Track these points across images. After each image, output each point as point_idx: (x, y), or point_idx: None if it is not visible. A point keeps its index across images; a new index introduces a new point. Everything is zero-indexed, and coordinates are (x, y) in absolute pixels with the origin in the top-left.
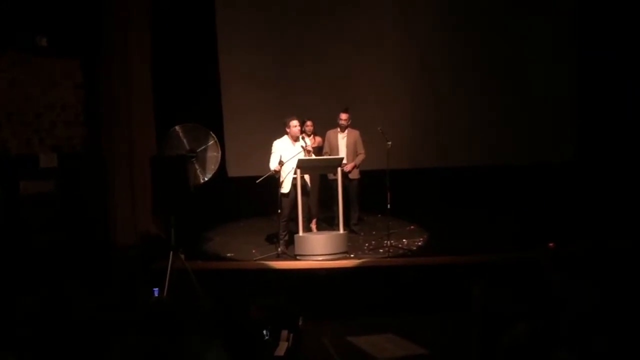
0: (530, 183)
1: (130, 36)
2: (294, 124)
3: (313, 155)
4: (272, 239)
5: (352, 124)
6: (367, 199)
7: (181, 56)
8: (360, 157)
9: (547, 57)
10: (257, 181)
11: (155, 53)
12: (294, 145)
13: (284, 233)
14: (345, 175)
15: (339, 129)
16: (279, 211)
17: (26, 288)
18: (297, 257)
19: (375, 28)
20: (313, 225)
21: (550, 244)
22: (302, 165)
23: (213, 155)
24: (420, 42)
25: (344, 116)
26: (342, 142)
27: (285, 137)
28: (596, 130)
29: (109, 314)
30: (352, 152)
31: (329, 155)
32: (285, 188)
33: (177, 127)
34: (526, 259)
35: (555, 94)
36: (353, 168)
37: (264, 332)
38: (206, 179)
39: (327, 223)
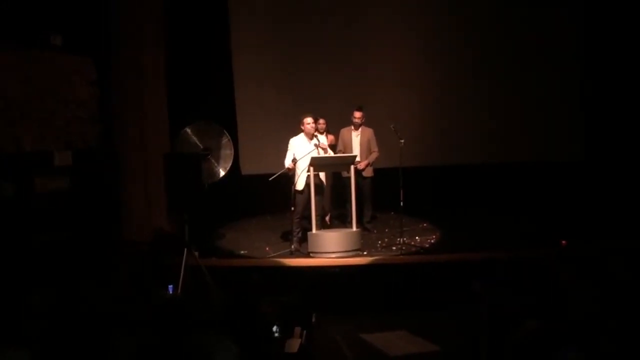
0: (541, 181)
1: (144, 33)
2: (307, 121)
3: (330, 152)
4: (286, 237)
5: (365, 122)
6: (380, 196)
7: (195, 53)
8: (374, 155)
9: (556, 56)
10: (270, 179)
11: (169, 50)
12: (309, 142)
13: (297, 230)
14: (358, 173)
15: (352, 127)
16: (292, 209)
17: (40, 284)
18: (311, 255)
19: (388, 27)
20: (327, 219)
21: (563, 242)
22: (315, 163)
23: (226, 153)
24: (432, 41)
25: (357, 114)
26: (356, 140)
27: (302, 134)
28: (605, 130)
29: (121, 311)
30: (366, 150)
31: (343, 153)
32: (300, 185)
33: (187, 129)
34: (536, 257)
35: (564, 93)
36: (367, 166)
37: (274, 328)
38: (220, 176)
39: (340, 220)
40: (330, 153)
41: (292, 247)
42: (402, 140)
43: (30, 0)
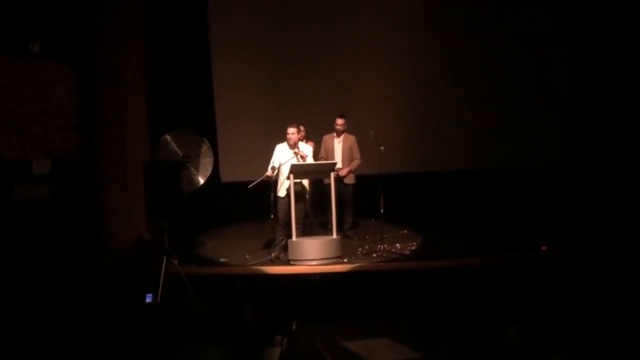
0: (524, 186)
1: (123, 41)
2: (288, 131)
3: (311, 159)
4: (266, 244)
5: (347, 129)
6: (360, 203)
7: (175, 61)
8: (356, 162)
9: (541, 61)
10: (249, 186)
11: (149, 58)
12: (292, 150)
13: (280, 238)
14: (340, 180)
15: (335, 134)
16: (272, 216)
17: (21, 293)
18: (291, 262)
19: (370, 34)
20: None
21: (543, 247)
22: (295, 171)
23: (206, 161)
24: (415, 47)
25: (340, 121)
26: (338, 147)
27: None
28: (590, 134)
29: (103, 319)
30: (348, 157)
31: (325, 159)
32: (282, 192)
33: (167, 135)
34: (519, 263)
35: (549, 98)
36: (348, 173)
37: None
38: (200, 184)
39: (322, 227)
40: (310, 161)
41: (272, 254)
42: (382, 147)
43: (9, 7)
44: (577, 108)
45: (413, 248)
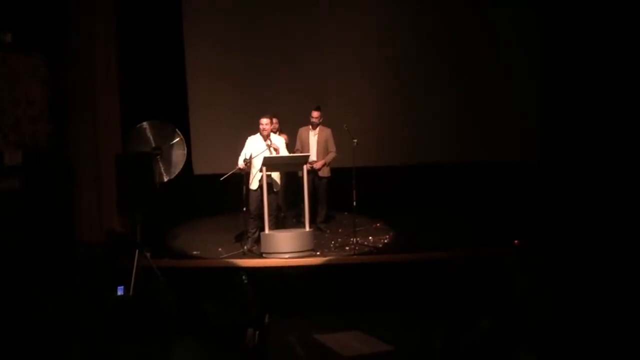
0: (498, 181)
1: (96, 32)
2: (262, 122)
3: (285, 152)
4: (238, 237)
5: (323, 122)
6: (333, 196)
7: (148, 51)
8: (331, 155)
9: (512, 58)
10: (221, 178)
11: (122, 49)
12: (265, 142)
13: (253, 230)
14: (315, 173)
15: (310, 127)
16: (244, 209)
17: None
18: (263, 255)
19: (345, 26)
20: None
21: (516, 241)
22: (268, 163)
23: (179, 153)
24: (389, 41)
25: (315, 114)
26: (313, 140)
27: (259, 134)
28: (559, 133)
29: (74, 314)
30: (323, 149)
31: (301, 152)
32: (254, 184)
33: (144, 123)
34: (491, 256)
35: (520, 95)
36: (322, 166)
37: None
38: (172, 176)
39: (297, 220)
40: (283, 153)
41: (245, 247)
42: (355, 140)
43: None
44: (550, 104)
45: (385, 241)
